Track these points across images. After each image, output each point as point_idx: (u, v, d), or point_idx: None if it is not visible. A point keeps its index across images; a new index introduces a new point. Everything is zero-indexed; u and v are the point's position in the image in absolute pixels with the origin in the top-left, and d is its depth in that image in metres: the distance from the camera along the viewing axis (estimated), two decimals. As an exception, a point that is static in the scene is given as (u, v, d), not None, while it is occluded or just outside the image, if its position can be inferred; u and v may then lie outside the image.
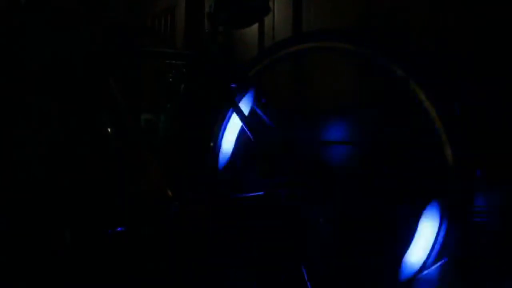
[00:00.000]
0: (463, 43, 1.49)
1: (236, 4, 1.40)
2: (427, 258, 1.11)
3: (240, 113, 1.35)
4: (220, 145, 1.52)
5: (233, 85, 1.44)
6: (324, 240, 1.27)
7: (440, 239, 1.11)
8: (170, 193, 1.34)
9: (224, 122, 1.52)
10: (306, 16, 1.99)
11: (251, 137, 1.35)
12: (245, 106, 1.47)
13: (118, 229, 1.34)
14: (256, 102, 1.49)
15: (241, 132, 1.51)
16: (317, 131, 1.77)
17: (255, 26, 2.13)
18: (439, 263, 1.11)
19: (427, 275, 1.10)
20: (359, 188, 1.42)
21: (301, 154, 1.35)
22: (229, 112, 1.50)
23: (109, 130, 1.45)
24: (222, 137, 1.52)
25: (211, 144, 1.51)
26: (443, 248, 1.10)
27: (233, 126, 1.52)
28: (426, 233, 1.13)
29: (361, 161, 1.58)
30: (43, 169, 1.43)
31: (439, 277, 1.12)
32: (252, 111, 1.48)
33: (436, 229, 1.12)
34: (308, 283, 1.24)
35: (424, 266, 1.11)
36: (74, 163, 1.46)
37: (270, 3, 2.03)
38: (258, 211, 1.33)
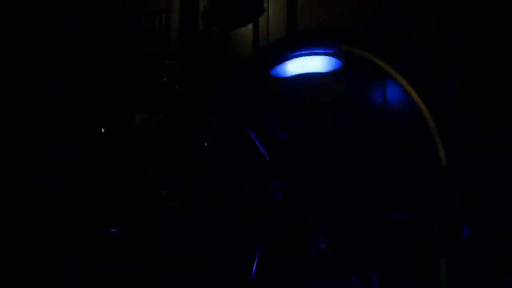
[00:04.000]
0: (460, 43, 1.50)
1: (231, 4, 1.40)
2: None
3: (235, 113, 1.35)
4: (215, 145, 1.52)
5: (228, 85, 1.44)
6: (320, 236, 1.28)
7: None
8: (165, 193, 1.34)
9: (219, 122, 1.52)
10: (300, 16, 1.99)
11: (246, 136, 1.35)
12: (240, 106, 1.47)
13: (113, 229, 1.34)
14: (251, 101, 1.49)
15: (236, 132, 1.51)
16: (313, 131, 1.77)
17: (250, 26, 2.13)
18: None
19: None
20: (354, 190, 1.42)
21: (296, 155, 1.35)
22: (224, 112, 1.50)
23: (103, 130, 1.44)
24: (217, 136, 1.52)
25: (206, 144, 1.51)
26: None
27: (228, 126, 1.52)
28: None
29: (355, 162, 1.58)
30: (39, 169, 1.43)
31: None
32: (247, 111, 1.48)
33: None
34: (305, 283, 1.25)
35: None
36: (69, 164, 1.45)
37: (265, 3, 2.03)
38: (254, 211, 1.33)
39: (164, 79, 1.73)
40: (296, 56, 1.60)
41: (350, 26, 1.75)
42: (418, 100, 1.13)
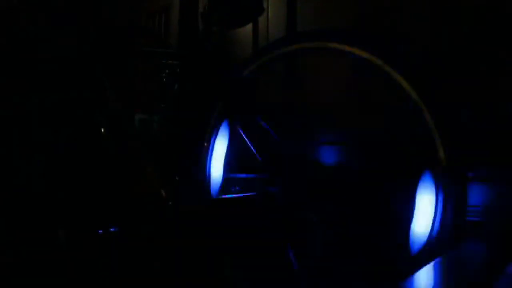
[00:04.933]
0: (457, 43, 1.50)
1: (230, 4, 1.40)
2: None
3: (234, 113, 1.35)
4: (214, 145, 1.52)
5: (227, 85, 1.44)
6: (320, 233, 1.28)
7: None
8: (164, 193, 1.34)
9: (218, 122, 1.52)
10: (300, 16, 1.99)
11: (245, 137, 1.35)
12: (239, 106, 1.47)
13: (112, 229, 1.34)
14: (250, 102, 1.49)
15: (235, 132, 1.51)
16: (310, 130, 1.77)
17: (249, 26, 2.12)
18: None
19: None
20: (353, 188, 1.42)
21: (294, 154, 1.35)
22: (223, 112, 1.50)
23: (102, 130, 1.44)
24: (216, 136, 1.52)
25: (205, 143, 1.51)
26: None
27: (227, 126, 1.52)
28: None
29: (354, 161, 1.59)
30: (36, 168, 1.43)
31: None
32: (246, 111, 1.48)
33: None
34: (302, 283, 1.25)
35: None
36: (68, 163, 1.45)
37: (264, 3, 2.03)
38: (252, 210, 1.33)
39: (164, 79, 1.73)
40: (296, 55, 1.60)
41: (350, 26, 1.75)
42: (418, 100, 1.13)
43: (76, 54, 1.44)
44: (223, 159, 1.53)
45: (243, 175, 1.49)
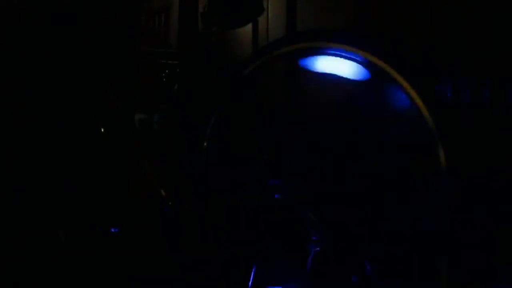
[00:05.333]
0: (456, 43, 1.50)
1: (230, 4, 1.40)
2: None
3: (234, 113, 1.35)
4: (214, 145, 1.52)
5: (227, 85, 1.44)
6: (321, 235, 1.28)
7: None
8: (164, 193, 1.34)
9: (218, 122, 1.52)
10: (300, 16, 1.99)
11: (245, 137, 1.35)
12: (239, 106, 1.47)
13: (112, 229, 1.34)
14: (250, 102, 1.49)
15: (236, 132, 1.51)
16: (311, 131, 1.77)
17: (249, 26, 2.13)
18: None
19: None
20: (352, 189, 1.42)
21: (295, 154, 1.35)
22: (223, 112, 1.50)
23: (102, 130, 1.44)
24: (216, 137, 1.52)
25: (205, 144, 1.51)
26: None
27: (227, 126, 1.52)
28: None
29: (354, 162, 1.59)
30: (36, 168, 1.43)
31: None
32: (246, 111, 1.48)
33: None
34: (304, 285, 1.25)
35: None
36: (67, 163, 1.45)
37: (264, 3, 2.03)
38: (251, 210, 1.33)
39: (164, 79, 1.73)
40: (297, 55, 1.60)
41: (349, 26, 1.75)
42: (418, 100, 1.13)
43: (76, 54, 1.44)
44: (223, 159, 1.53)
45: (244, 175, 1.49)
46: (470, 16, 1.46)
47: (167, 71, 1.71)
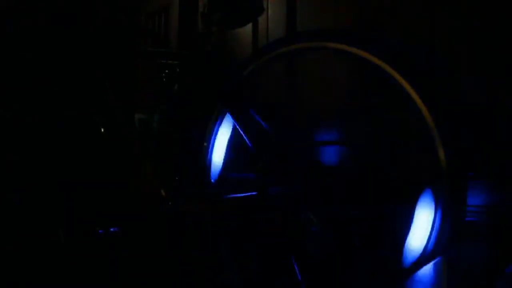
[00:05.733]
0: (455, 43, 1.50)
1: (230, 4, 1.40)
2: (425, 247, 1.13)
3: (233, 113, 1.35)
4: (213, 145, 1.52)
5: (226, 85, 1.44)
6: (320, 234, 1.28)
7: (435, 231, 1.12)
8: (163, 193, 1.34)
9: (218, 122, 1.52)
10: (300, 16, 1.99)
11: (245, 137, 1.35)
12: (238, 106, 1.47)
13: (112, 229, 1.34)
14: (249, 102, 1.49)
15: (235, 132, 1.51)
16: (310, 131, 1.77)
17: (249, 26, 2.13)
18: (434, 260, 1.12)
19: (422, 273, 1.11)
20: (351, 187, 1.42)
21: (294, 155, 1.35)
22: (223, 112, 1.51)
23: (102, 130, 1.44)
24: (215, 137, 1.52)
25: (205, 144, 1.51)
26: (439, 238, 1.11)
27: (227, 126, 1.52)
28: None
29: (354, 161, 1.59)
30: (36, 168, 1.43)
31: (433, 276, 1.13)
32: (245, 111, 1.48)
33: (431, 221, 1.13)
34: (302, 284, 1.25)
35: (424, 254, 1.12)
36: (67, 163, 1.45)
37: (264, 3, 2.03)
38: (251, 210, 1.33)
39: (164, 79, 1.73)
40: (296, 55, 1.60)
41: (349, 26, 1.76)
42: (418, 100, 1.14)
43: (76, 54, 1.44)
44: (223, 159, 1.54)
45: (243, 175, 1.49)
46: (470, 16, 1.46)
47: (167, 71, 1.71)
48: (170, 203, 1.32)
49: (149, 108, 1.83)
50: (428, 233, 1.15)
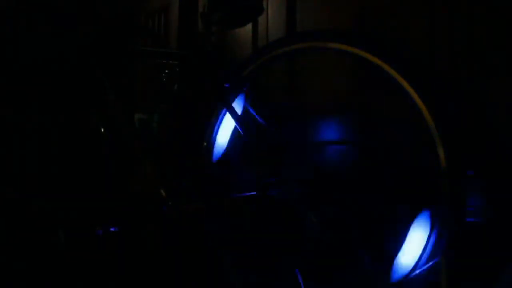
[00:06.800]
0: (455, 42, 1.50)
1: (230, 4, 1.40)
2: (419, 258, 1.12)
3: (234, 113, 1.35)
4: (213, 145, 1.52)
5: (226, 85, 1.44)
6: (317, 239, 1.28)
7: (432, 239, 1.12)
8: (163, 193, 1.34)
9: (218, 122, 1.52)
10: (300, 16, 1.99)
11: (245, 137, 1.35)
12: (238, 106, 1.47)
13: (112, 229, 1.34)
14: (249, 102, 1.49)
15: (235, 132, 1.51)
16: (310, 131, 1.77)
17: (249, 26, 2.13)
18: (430, 263, 1.11)
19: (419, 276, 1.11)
20: (351, 188, 1.42)
21: (294, 154, 1.35)
22: (223, 112, 1.50)
23: (102, 130, 1.44)
24: (215, 137, 1.52)
25: (205, 144, 1.51)
26: (435, 248, 1.11)
27: (227, 126, 1.52)
28: (418, 234, 1.14)
29: (353, 161, 1.59)
30: (36, 168, 1.43)
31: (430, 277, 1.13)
32: (245, 111, 1.48)
33: (427, 229, 1.13)
34: (301, 283, 1.25)
35: (416, 266, 1.12)
36: (67, 163, 1.45)
37: (264, 3, 2.03)
38: (251, 211, 1.33)
39: (164, 79, 1.73)
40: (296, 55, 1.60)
41: (350, 27, 1.75)
42: (418, 100, 1.14)
43: (76, 54, 1.44)
44: (223, 159, 1.54)
45: (243, 175, 1.49)
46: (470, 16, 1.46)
47: (167, 71, 1.71)
48: (170, 203, 1.32)
49: (149, 108, 1.83)
50: (426, 237, 1.15)
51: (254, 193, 1.30)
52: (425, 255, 1.12)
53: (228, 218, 1.37)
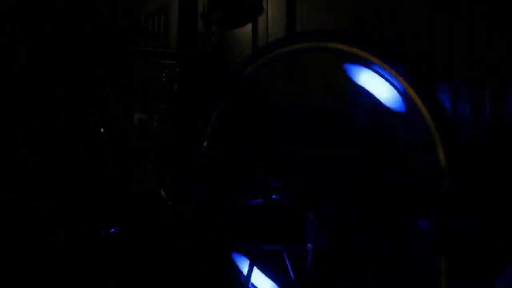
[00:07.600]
0: (455, 42, 1.50)
1: (230, 4, 1.40)
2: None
3: (234, 113, 1.35)
4: (213, 145, 1.52)
5: (226, 85, 1.44)
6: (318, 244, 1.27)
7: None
8: (163, 193, 1.34)
9: (218, 122, 1.52)
10: (300, 16, 1.99)
11: (245, 137, 1.35)
12: (239, 106, 1.47)
13: (112, 229, 1.34)
14: (249, 102, 1.49)
15: (235, 132, 1.51)
16: (310, 131, 1.77)
17: (249, 26, 2.13)
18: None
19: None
20: (352, 191, 1.42)
21: (294, 156, 1.35)
22: (223, 112, 1.50)
23: (102, 130, 1.44)
24: (215, 137, 1.52)
25: (205, 144, 1.51)
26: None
27: (227, 126, 1.52)
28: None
29: (354, 163, 1.59)
30: (36, 168, 1.43)
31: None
32: (245, 111, 1.48)
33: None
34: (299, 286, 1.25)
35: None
36: (67, 163, 1.45)
37: (264, 3, 2.03)
38: (251, 211, 1.33)
39: (164, 79, 1.73)
40: (296, 55, 1.60)
41: (350, 27, 1.75)
42: (418, 100, 1.14)
43: (76, 54, 1.44)
44: (223, 159, 1.53)
45: (243, 176, 1.49)
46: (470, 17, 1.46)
47: (167, 71, 1.71)
48: (170, 203, 1.32)
49: (149, 108, 1.83)
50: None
51: (255, 193, 1.30)
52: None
53: (228, 219, 1.37)
